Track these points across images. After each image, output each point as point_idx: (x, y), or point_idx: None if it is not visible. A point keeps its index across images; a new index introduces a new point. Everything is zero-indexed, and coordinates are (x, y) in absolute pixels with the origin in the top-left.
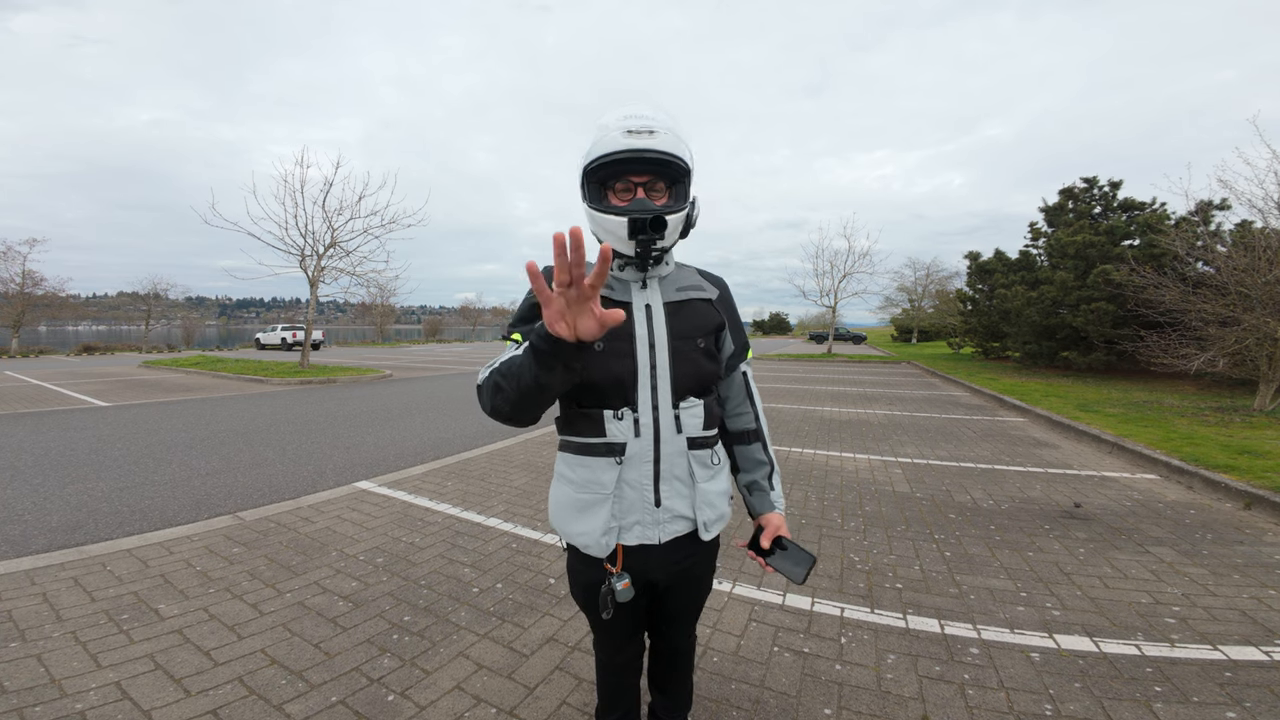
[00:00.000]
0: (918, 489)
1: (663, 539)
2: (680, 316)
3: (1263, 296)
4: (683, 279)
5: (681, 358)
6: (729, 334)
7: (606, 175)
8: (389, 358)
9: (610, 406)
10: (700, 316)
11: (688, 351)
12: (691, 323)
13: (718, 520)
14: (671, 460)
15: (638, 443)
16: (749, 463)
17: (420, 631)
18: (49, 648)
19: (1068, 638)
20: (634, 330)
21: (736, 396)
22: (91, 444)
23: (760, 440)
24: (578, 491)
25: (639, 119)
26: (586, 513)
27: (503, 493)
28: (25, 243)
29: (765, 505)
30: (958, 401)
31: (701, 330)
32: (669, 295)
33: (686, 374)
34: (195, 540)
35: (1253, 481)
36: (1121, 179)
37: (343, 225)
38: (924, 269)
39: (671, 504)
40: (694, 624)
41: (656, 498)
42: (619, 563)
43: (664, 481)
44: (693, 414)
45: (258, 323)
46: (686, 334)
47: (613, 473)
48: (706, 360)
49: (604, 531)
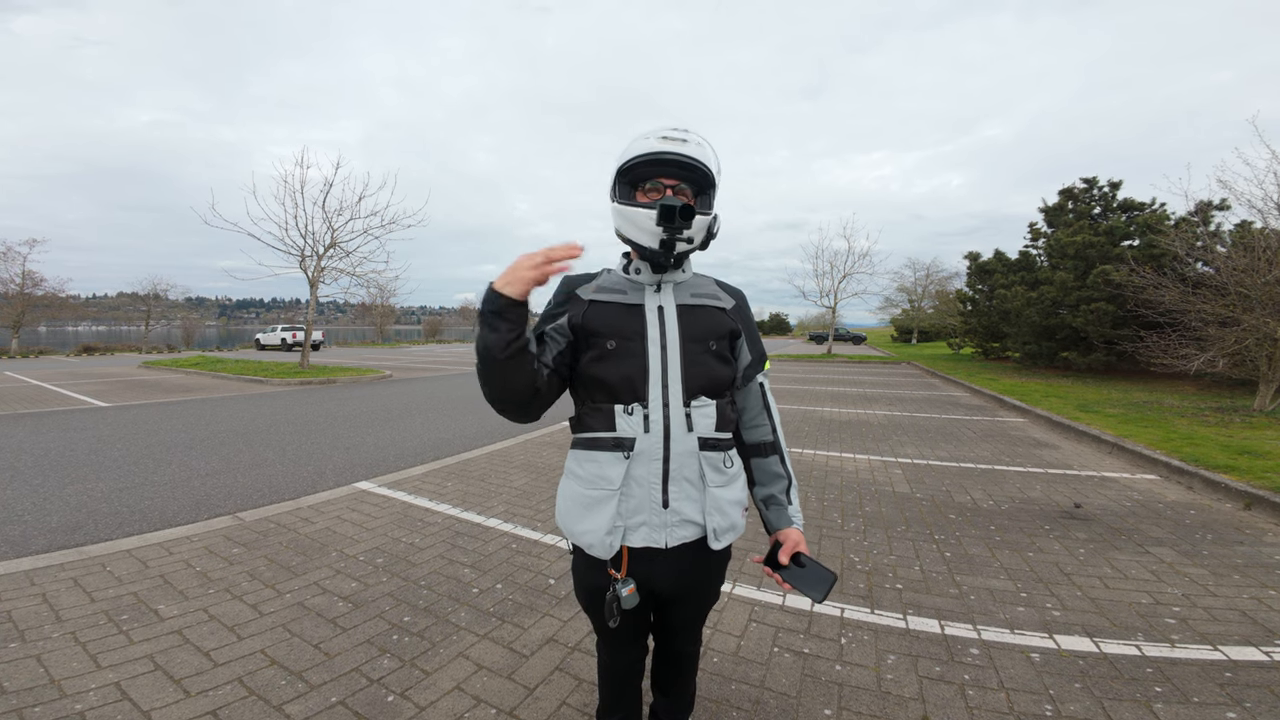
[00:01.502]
0: (918, 489)
1: (670, 543)
2: (692, 319)
3: (1262, 297)
4: (699, 286)
5: (693, 358)
6: (745, 344)
7: (638, 176)
8: (389, 358)
9: (621, 401)
10: (713, 321)
11: (699, 353)
12: (704, 326)
13: (729, 530)
14: (681, 460)
15: (647, 439)
16: (766, 476)
17: (420, 632)
18: (49, 648)
19: (1068, 638)
20: (645, 331)
21: (753, 408)
22: (91, 444)
23: (778, 453)
24: (585, 488)
25: (675, 129)
26: (592, 510)
27: (503, 493)
28: (25, 243)
29: (783, 520)
30: (958, 402)
31: (714, 334)
32: (683, 299)
33: (698, 374)
34: (195, 541)
35: (1253, 482)
36: (1121, 179)
37: (343, 226)
38: (924, 269)
39: (680, 506)
40: (699, 630)
41: (664, 498)
42: (624, 567)
43: (673, 482)
44: (704, 413)
45: (257, 323)
46: (698, 336)
47: (620, 468)
48: (719, 363)
49: (609, 530)
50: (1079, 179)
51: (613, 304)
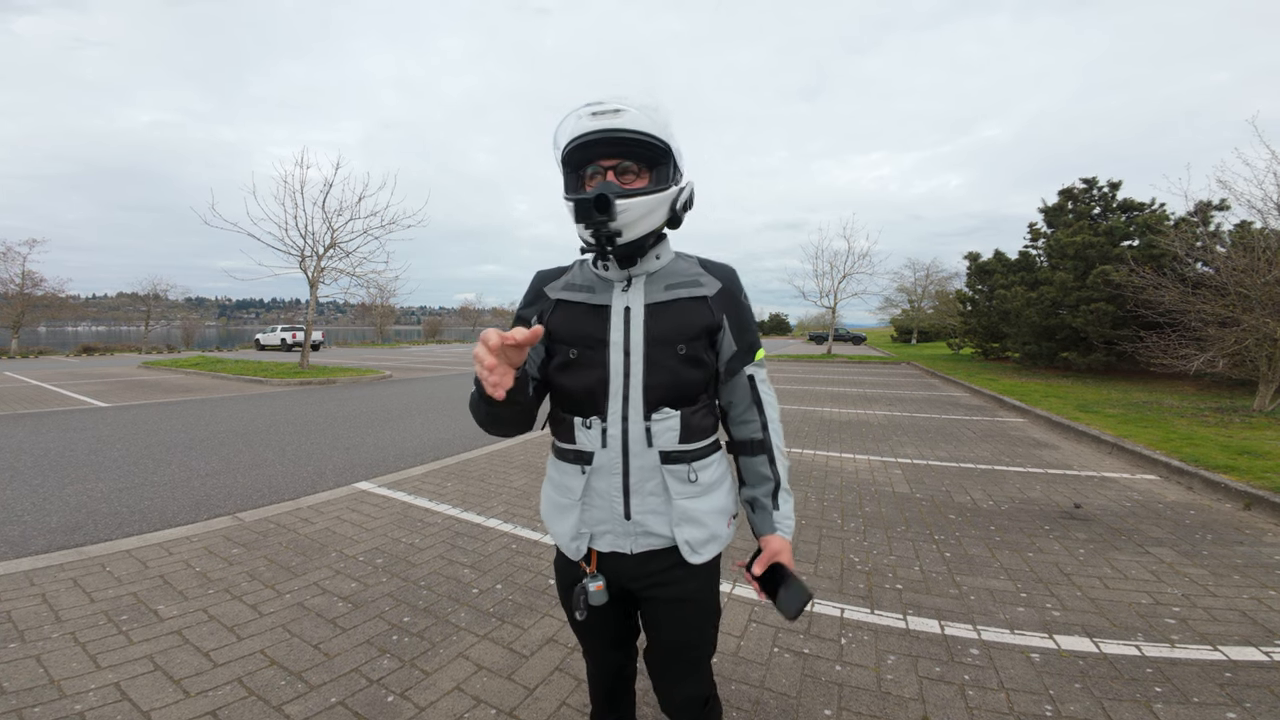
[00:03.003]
0: (917, 490)
1: (635, 550)
2: (661, 319)
3: (1262, 297)
4: (676, 274)
5: (656, 366)
6: (728, 334)
7: (579, 162)
8: (389, 358)
9: (581, 414)
10: (685, 317)
11: (663, 359)
12: (673, 325)
13: (707, 542)
14: (643, 474)
15: (604, 454)
16: (753, 477)
17: (420, 632)
18: (48, 648)
19: (1068, 638)
20: (609, 336)
21: (741, 403)
22: (91, 445)
23: (767, 453)
24: (555, 493)
25: (603, 102)
26: (562, 514)
27: (502, 494)
28: (25, 243)
29: (766, 526)
30: (957, 402)
31: (684, 334)
32: (654, 295)
33: (660, 383)
34: (195, 541)
35: (1252, 482)
36: (1121, 180)
37: (342, 226)
38: (923, 270)
39: (644, 519)
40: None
41: (626, 510)
42: (594, 564)
43: (635, 495)
44: (667, 426)
45: (257, 323)
46: (665, 339)
47: (579, 480)
48: (687, 368)
49: (573, 536)
50: (1078, 179)
51: (578, 305)
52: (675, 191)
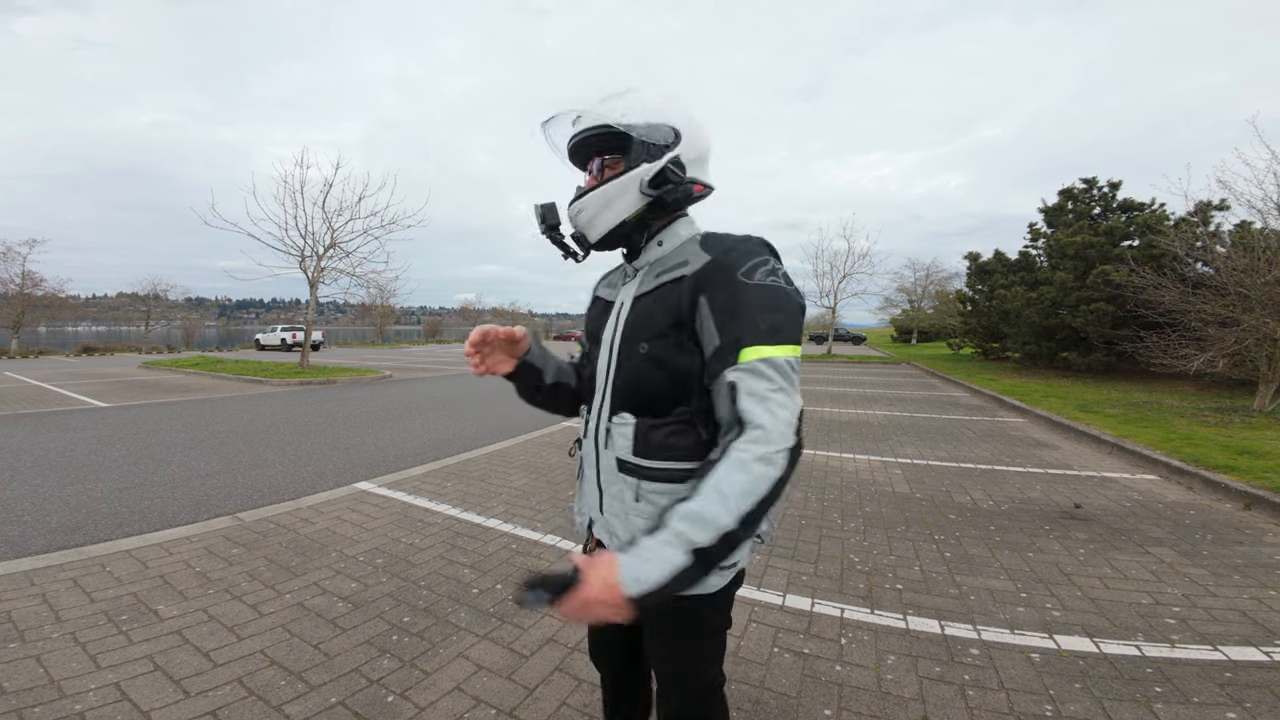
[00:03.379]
0: (917, 490)
1: (612, 546)
2: (638, 311)
3: (1262, 297)
4: (673, 258)
5: (623, 366)
6: (708, 321)
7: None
8: (389, 358)
9: (588, 404)
10: (660, 306)
11: (629, 358)
12: (647, 318)
13: None
14: (608, 475)
15: (586, 443)
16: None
17: (420, 632)
18: (48, 648)
19: (1068, 638)
20: (604, 334)
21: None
22: (91, 445)
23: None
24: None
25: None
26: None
27: (502, 494)
28: (25, 243)
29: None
30: (957, 402)
31: (652, 329)
32: (644, 286)
33: (625, 383)
34: (194, 541)
35: (1252, 482)
36: (1120, 180)
37: (342, 226)
38: (923, 270)
39: (610, 521)
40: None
41: (600, 505)
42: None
43: (606, 493)
44: (621, 433)
45: (257, 323)
46: (634, 335)
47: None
48: (649, 368)
49: (577, 511)
50: (1078, 179)
51: (600, 301)
52: (637, 173)
